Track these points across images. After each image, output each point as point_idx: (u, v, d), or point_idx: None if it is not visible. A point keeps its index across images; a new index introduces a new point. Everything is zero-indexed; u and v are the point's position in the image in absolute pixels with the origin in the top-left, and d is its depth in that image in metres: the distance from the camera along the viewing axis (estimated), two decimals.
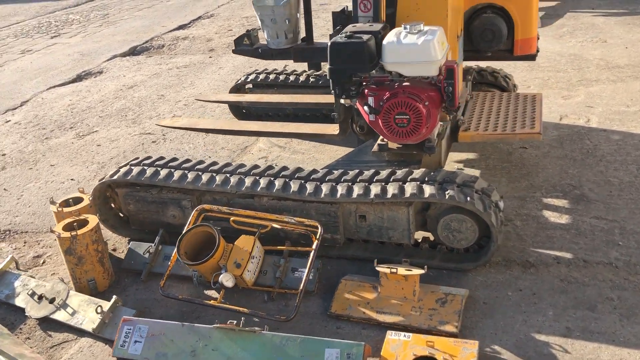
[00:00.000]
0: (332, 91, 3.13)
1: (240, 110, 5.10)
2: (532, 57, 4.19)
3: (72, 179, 4.62)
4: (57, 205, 3.53)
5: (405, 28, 3.00)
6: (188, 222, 3.16)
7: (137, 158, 3.59)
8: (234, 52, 4.28)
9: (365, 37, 3.01)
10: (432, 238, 3.18)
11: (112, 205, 3.64)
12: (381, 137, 3.30)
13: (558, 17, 7.80)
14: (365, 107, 3.09)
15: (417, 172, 3.04)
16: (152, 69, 7.38)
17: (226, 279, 2.95)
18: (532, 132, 3.60)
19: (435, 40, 2.93)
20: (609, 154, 4.16)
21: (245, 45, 4.18)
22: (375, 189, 2.98)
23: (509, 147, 4.37)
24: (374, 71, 3.08)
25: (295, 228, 3.11)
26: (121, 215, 3.66)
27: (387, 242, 3.17)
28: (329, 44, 3.04)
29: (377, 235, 3.14)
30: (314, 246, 2.97)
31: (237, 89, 5.07)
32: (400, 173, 3.05)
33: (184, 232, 3.08)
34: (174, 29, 9.51)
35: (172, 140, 5.17)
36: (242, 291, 3.09)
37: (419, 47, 2.93)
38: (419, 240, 3.21)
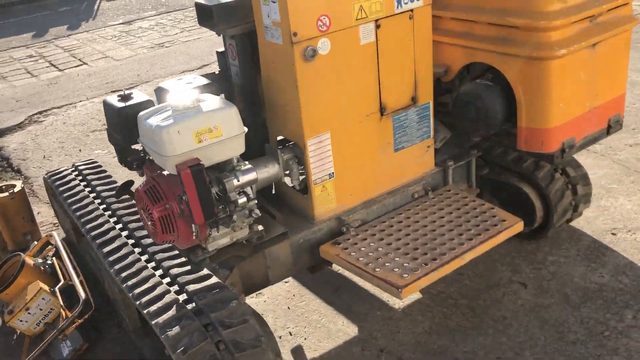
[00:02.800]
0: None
1: None
2: (548, 158, 2.60)
3: None
4: None
5: (173, 97, 2.17)
6: None
7: None
8: None
9: (132, 102, 2.30)
10: None
11: None
12: None
13: None
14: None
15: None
16: None
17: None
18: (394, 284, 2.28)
19: (175, 128, 2.04)
20: None
21: None
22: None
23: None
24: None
25: None
26: None
27: None
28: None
29: None
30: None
31: None
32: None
33: None
34: None
35: None
36: None
37: (152, 132, 2.10)
38: None
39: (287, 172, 2.50)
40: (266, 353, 2.13)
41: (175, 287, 2.43)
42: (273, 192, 2.81)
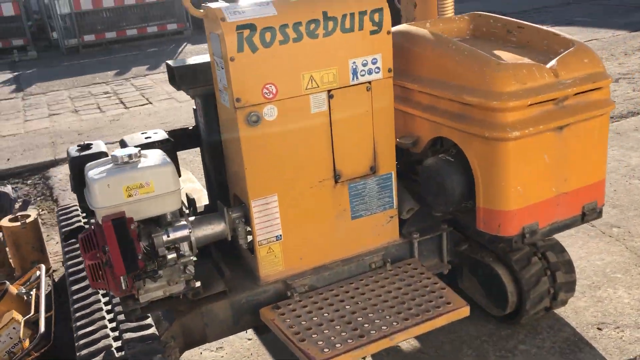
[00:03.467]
0: None
1: None
2: (507, 242, 2.49)
3: None
4: None
5: (116, 151, 2.29)
6: None
7: None
8: None
9: (87, 152, 2.45)
10: None
11: None
12: None
13: None
14: None
15: None
16: None
17: None
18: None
19: (105, 181, 2.15)
20: None
21: None
22: None
23: None
24: None
25: None
26: None
27: None
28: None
29: None
30: None
31: None
32: None
33: None
34: None
35: None
36: None
37: (87, 183, 2.22)
38: None
39: (234, 230, 2.54)
40: None
41: (116, 333, 2.50)
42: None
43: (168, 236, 2.27)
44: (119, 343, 2.43)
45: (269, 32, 2.26)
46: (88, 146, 2.52)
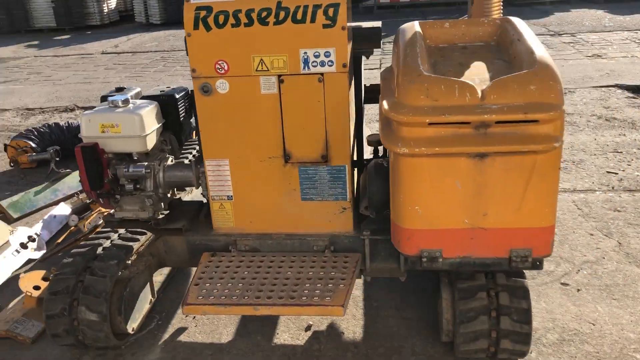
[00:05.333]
0: None
1: None
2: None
3: None
4: None
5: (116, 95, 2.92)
6: None
7: None
8: None
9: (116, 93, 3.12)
10: None
11: None
12: None
13: None
14: None
15: None
16: None
17: None
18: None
19: (88, 117, 2.80)
20: None
21: None
22: None
23: None
24: None
25: None
26: None
27: None
28: None
29: None
30: None
31: None
32: None
33: None
34: None
35: None
36: None
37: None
38: None
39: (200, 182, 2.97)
40: (106, 282, 2.69)
41: (108, 244, 3.11)
42: None
43: (128, 171, 2.83)
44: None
45: (223, 15, 2.56)
46: (121, 89, 3.17)
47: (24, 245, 3.88)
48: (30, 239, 3.95)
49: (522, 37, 2.46)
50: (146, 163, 2.86)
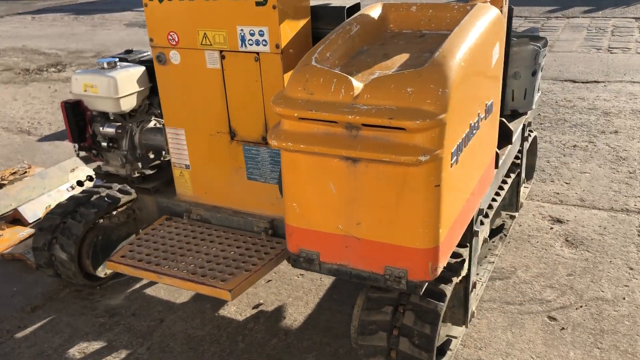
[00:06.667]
0: None
1: None
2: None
3: None
4: None
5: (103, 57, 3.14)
6: None
7: None
8: None
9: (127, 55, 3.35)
10: None
11: None
12: None
13: None
14: None
15: None
16: None
17: None
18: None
19: (76, 76, 3.05)
20: None
21: None
22: None
23: None
24: None
25: None
26: None
27: None
28: None
29: None
30: None
31: None
32: None
33: None
34: None
35: None
36: None
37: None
38: None
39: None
40: (79, 227, 2.99)
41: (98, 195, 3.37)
42: None
43: (102, 129, 3.05)
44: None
45: None
46: (130, 51, 3.37)
47: (80, 183, 4.37)
48: (89, 178, 4.43)
49: (458, 28, 2.13)
50: (119, 123, 3.05)
